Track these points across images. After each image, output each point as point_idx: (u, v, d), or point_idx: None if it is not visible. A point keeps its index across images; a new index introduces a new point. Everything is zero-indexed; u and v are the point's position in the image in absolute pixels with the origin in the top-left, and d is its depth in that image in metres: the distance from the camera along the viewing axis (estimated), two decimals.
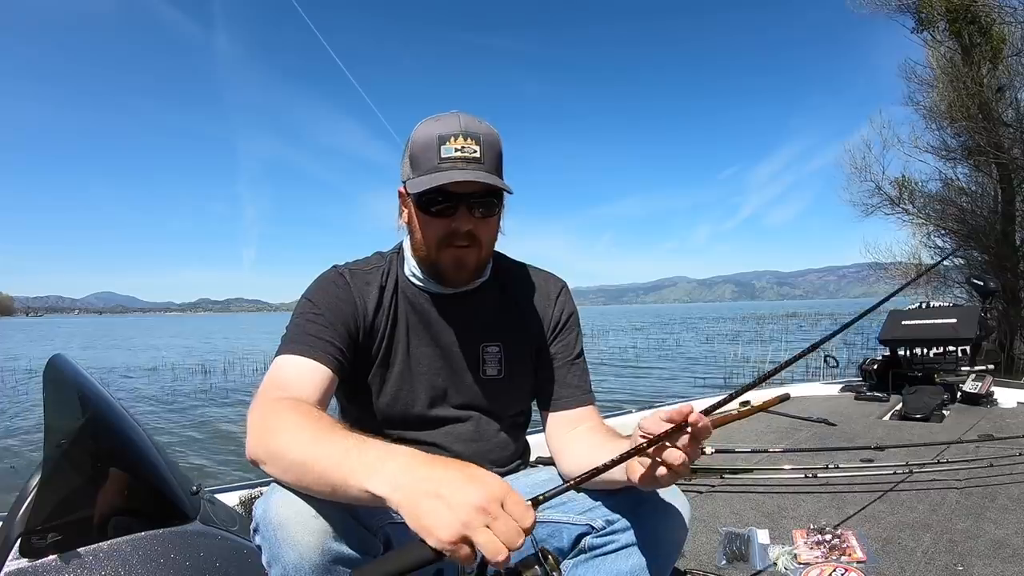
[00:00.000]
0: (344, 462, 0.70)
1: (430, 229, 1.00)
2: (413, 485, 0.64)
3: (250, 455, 0.81)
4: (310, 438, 0.75)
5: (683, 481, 2.21)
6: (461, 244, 0.99)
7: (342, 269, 1.08)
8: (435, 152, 0.96)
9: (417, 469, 0.66)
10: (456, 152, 0.95)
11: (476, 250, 1.01)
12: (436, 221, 0.99)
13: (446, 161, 0.95)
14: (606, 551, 0.91)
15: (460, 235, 0.98)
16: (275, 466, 0.77)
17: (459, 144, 0.95)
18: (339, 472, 0.70)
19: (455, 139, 0.95)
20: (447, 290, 1.08)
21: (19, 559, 0.96)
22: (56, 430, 1.08)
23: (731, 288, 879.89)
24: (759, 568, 1.56)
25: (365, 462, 0.69)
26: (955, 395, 3.61)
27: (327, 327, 0.98)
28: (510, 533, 0.62)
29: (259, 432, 0.80)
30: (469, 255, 1.01)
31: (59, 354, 1.22)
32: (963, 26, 10.44)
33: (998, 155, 9.70)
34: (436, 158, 0.95)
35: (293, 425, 0.78)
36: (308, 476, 0.73)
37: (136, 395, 10.06)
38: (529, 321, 1.13)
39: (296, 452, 0.75)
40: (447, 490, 0.63)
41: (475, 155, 0.96)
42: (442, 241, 0.99)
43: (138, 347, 24.64)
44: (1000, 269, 10.40)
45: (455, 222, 0.97)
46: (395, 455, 0.69)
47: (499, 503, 0.63)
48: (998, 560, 1.52)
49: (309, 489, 0.75)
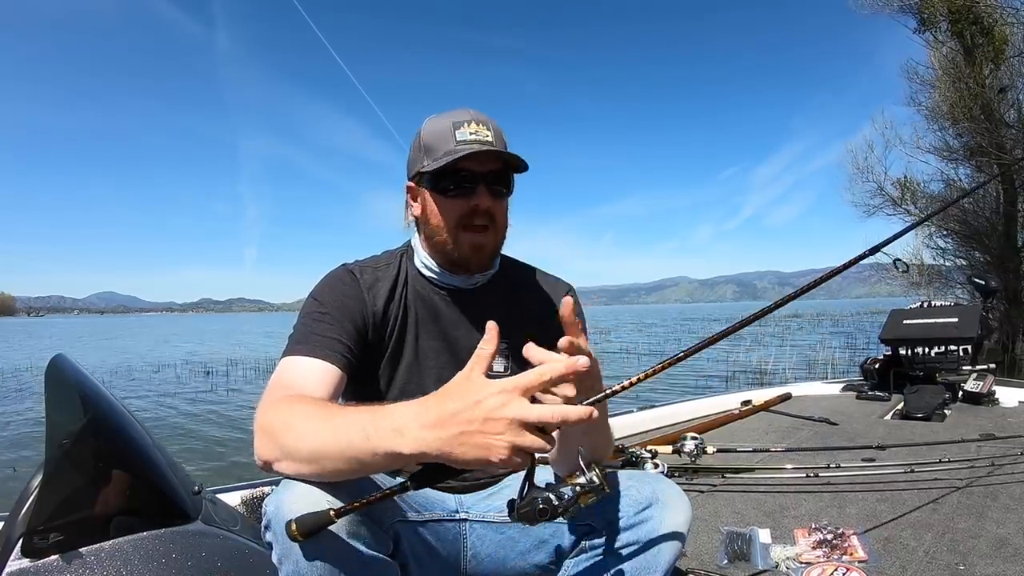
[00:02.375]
0: (365, 435, 0.71)
1: (449, 211, 1.02)
2: (439, 434, 0.68)
3: (262, 457, 0.80)
4: (323, 424, 0.76)
5: (684, 481, 2.21)
6: (480, 224, 1.02)
7: (351, 267, 1.09)
8: (451, 137, 0.99)
9: (436, 417, 0.69)
10: (471, 135, 0.99)
11: (493, 233, 1.04)
12: (455, 202, 1.01)
13: (463, 144, 0.98)
14: (607, 550, 0.91)
15: (480, 214, 1.01)
16: (291, 460, 0.77)
17: (473, 128, 0.99)
18: (366, 446, 0.71)
19: (469, 124, 1.00)
20: (460, 282, 1.09)
21: (21, 559, 0.96)
22: (58, 430, 1.08)
23: (733, 288, 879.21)
24: (760, 567, 1.55)
25: (384, 430, 0.71)
26: (957, 394, 3.61)
27: (333, 325, 0.98)
28: (547, 416, 0.67)
29: (269, 431, 0.80)
30: (487, 237, 1.03)
31: (60, 354, 1.22)
32: (965, 27, 10.44)
33: (1000, 156, 9.68)
34: (452, 142, 0.99)
35: (303, 416, 0.79)
36: (329, 461, 0.74)
37: (137, 395, 10.07)
38: (536, 319, 1.13)
39: (312, 440, 0.75)
40: (474, 421, 0.67)
41: (488, 139, 1.00)
42: (461, 222, 1.01)
43: (139, 347, 24.67)
44: (1002, 269, 10.38)
45: (475, 200, 1.00)
46: (407, 415, 0.71)
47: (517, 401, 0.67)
48: (1000, 559, 1.52)
49: (329, 474, 0.75)
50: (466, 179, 1.00)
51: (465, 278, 1.09)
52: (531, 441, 0.67)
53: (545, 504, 0.72)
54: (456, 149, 0.98)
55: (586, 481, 0.74)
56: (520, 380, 0.68)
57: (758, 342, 14.99)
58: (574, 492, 0.73)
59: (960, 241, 11.56)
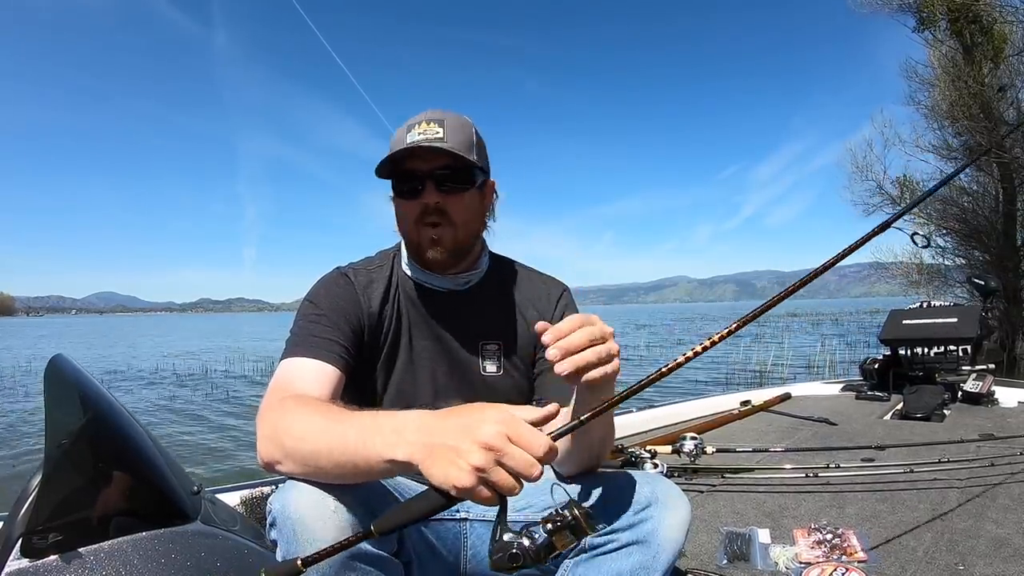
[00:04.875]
0: (364, 440, 0.71)
1: (405, 211, 1.04)
2: (425, 441, 0.66)
3: (264, 458, 0.81)
4: (324, 426, 0.76)
5: (684, 481, 2.21)
6: (432, 221, 1.02)
7: (345, 269, 1.10)
8: (403, 139, 1.00)
9: (428, 426, 0.68)
10: (419, 136, 0.99)
11: (451, 228, 1.03)
12: (408, 203, 1.03)
13: (410, 144, 0.98)
14: (606, 550, 0.91)
15: (430, 210, 1.01)
16: (292, 460, 0.78)
17: (423, 128, 1.00)
18: (363, 451, 0.71)
19: (420, 124, 1.00)
20: (437, 281, 1.09)
21: (20, 559, 0.96)
22: (57, 430, 1.08)
23: (732, 288, 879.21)
24: (760, 568, 1.55)
25: (384, 435, 0.70)
26: (956, 394, 3.61)
27: (330, 327, 0.99)
28: (521, 465, 0.63)
29: (271, 432, 0.81)
30: (443, 233, 1.03)
31: (60, 354, 1.22)
32: (964, 25, 10.43)
33: (1000, 155, 9.68)
34: (402, 144, 1.00)
35: (305, 417, 0.79)
36: (328, 462, 0.74)
37: (137, 395, 10.07)
38: (529, 321, 1.14)
39: (313, 441, 0.76)
40: (454, 438, 0.65)
41: (438, 135, 0.99)
42: (417, 221, 1.02)
43: (139, 347, 24.65)
44: (1001, 269, 10.39)
45: (423, 198, 1.01)
46: (408, 420, 0.70)
47: (506, 437, 0.64)
48: (999, 559, 1.52)
49: (329, 475, 0.76)
50: (413, 178, 1.01)
51: (450, 278, 1.09)
52: (502, 479, 0.63)
53: (519, 550, 0.68)
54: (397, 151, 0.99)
55: (562, 523, 0.70)
56: (525, 412, 0.67)
57: (758, 342, 14.98)
58: (548, 535, 0.69)
59: (960, 240, 11.56)
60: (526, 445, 0.64)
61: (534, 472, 0.64)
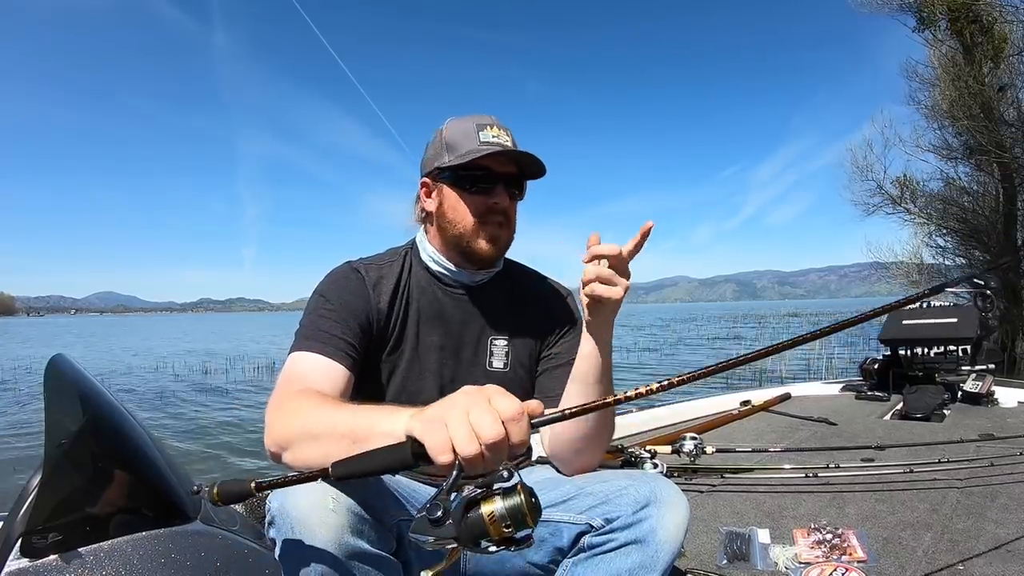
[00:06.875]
0: (369, 416, 0.74)
1: (468, 206, 1.06)
2: (425, 413, 0.67)
3: (272, 445, 0.83)
4: (332, 410, 0.80)
5: (683, 481, 2.21)
6: (498, 221, 1.06)
7: (355, 264, 1.11)
8: (475, 137, 1.05)
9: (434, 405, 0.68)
10: (494, 138, 1.05)
11: (508, 231, 1.09)
12: (475, 198, 1.06)
13: (487, 144, 1.04)
14: (605, 550, 0.91)
15: (498, 211, 1.06)
16: (300, 446, 0.79)
17: (495, 132, 1.06)
18: (365, 424, 0.73)
19: (492, 128, 1.06)
20: (465, 278, 1.11)
21: (20, 559, 0.96)
22: (57, 430, 1.08)
23: (732, 287, 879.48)
24: (760, 568, 1.55)
25: (389, 412, 0.73)
26: (956, 394, 3.61)
27: (340, 323, 1.01)
28: (483, 421, 0.61)
29: (280, 420, 0.83)
30: (503, 233, 1.08)
31: (60, 354, 1.22)
32: (964, 25, 10.43)
33: (1000, 154, 9.68)
34: (476, 142, 1.04)
35: (314, 405, 0.83)
36: (332, 440, 0.75)
37: (137, 395, 10.07)
38: (536, 320, 1.16)
39: (320, 424, 0.78)
40: (448, 409, 0.65)
41: (509, 144, 1.06)
42: (480, 217, 1.06)
43: (139, 347, 24.65)
44: (1001, 269, 10.38)
45: (494, 198, 1.05)
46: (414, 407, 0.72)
47: (486, 399, 0.64)
48: (999, 559, 1.52)
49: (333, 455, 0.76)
50: (488, 177, 1.05)
51: (471, 274, 1.12)
52: (462, 433, 0.61)
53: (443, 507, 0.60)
54: (480, 148, 1.02)
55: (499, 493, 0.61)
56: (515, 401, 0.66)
57: (758, 342, 14.98)
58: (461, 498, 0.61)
59: (960, 240, 11.56)
60: (498, 406, 0.63)
61: (490, 432, 0.61)
